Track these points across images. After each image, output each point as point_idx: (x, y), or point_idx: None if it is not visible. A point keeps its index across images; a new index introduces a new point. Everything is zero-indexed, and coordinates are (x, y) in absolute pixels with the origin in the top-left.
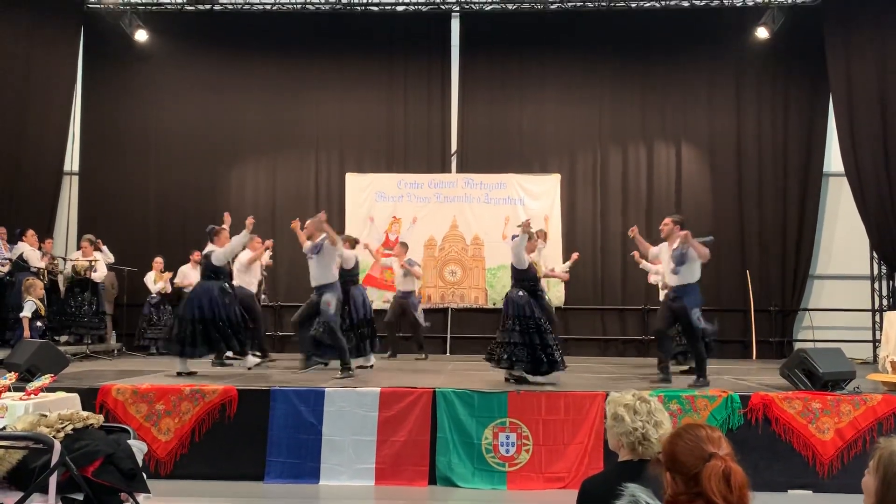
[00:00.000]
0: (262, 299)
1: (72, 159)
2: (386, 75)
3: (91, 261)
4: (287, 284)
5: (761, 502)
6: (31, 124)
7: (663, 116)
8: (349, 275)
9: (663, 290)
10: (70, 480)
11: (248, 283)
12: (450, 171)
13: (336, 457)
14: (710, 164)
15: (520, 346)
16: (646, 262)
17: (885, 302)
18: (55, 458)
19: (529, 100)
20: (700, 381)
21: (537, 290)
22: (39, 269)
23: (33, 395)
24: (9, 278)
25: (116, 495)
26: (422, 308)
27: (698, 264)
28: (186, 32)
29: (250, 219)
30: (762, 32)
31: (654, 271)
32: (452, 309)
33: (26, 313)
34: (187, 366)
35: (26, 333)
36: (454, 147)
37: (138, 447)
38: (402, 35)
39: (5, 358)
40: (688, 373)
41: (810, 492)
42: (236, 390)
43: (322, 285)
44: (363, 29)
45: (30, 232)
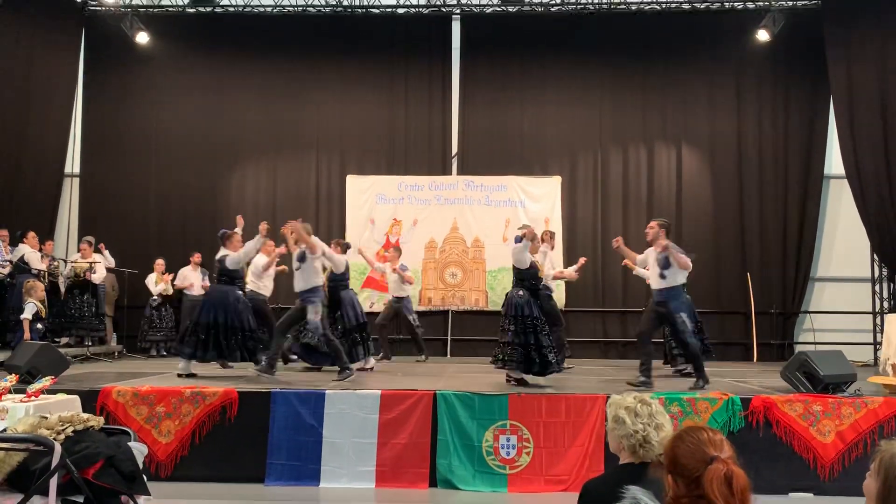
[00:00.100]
0: None
1: (72, 161)
2: (387, 77)
3: (91, 262)
4: (288, 287)
5: None
6: (31, 126)
7: (664, 119)
8: (340, 279)
9: None
10: (70, 482)
11: (262, 287)
12: (450, 174)
13: (336, 459)
14: (710, 166)
15: (513, 346)
16: (641, 269)
17: (885, 304)
18: (56, 461)
19: (530, 102)
20: (699, 382)
21: (538, 289)
22: (40, 270)
23: (34, 397)
24: (9, 280)
25: (117, 497)
26: (415, 312)
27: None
28: (187, 34)
29: (264, 224)
30: (762, 35)
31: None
32: (453, 311)
33: (27, 315)
34: (190, 368)
35: (27, 335)
36: (455, 149)
37: (139, 449)
38: (403, 37)
39: (6, 360)
40: (689, 375)
41: (811, 494)
42: (237, 392)
43: (303, 291)
44: (364, 31)
45: (30, 234)
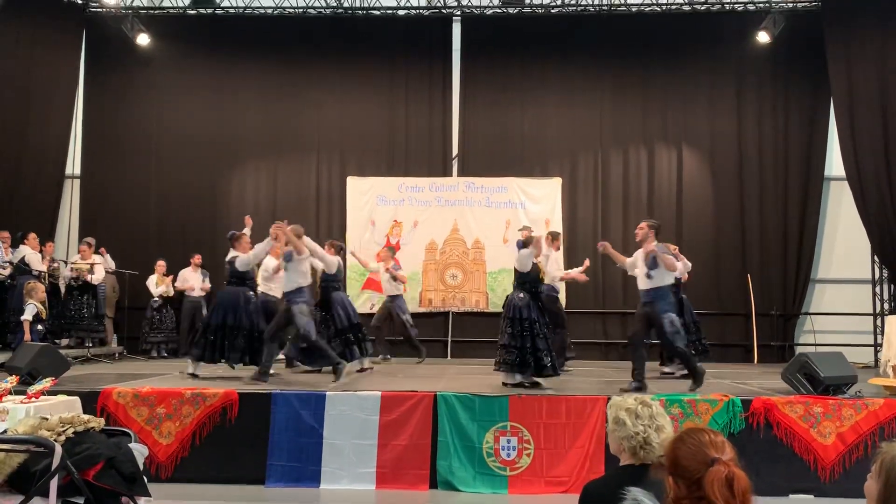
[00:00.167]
0: None
1: (73, 163)
2: (387, 79)
3: (90, 264)
4: None
5: None
6: (32, 127)
7: (664, 120)
8: (332, 280)
9: None
10: (71, 484)
11: (273, 289)
12: (451, 175)
13: (337, 460)
14: (710, 167)
15: (509, 349)
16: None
17: (886, 306)
18: (56, 462)
19: (530, 103)
20: (694, 384)
21: (539, 292)
22: (41, 272)
23: (34, 399)
24: (10, 282)
25: (117, 499)
26: (409, 313)
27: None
28: (188, 36)
29: (274, 226)
30: (763, 36)
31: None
32: (453, 313)
33: (27, 316)
34: (197, 369)
35: (27, 337)
36: (455, 151)
37: (139, 451)
38: (404, 39)
39: (6, 361)
40: (669, 375)
41: (812, 496)
42: (237, 394)
43: (288, 292)
44: (364, 33)
45: (31, 235)
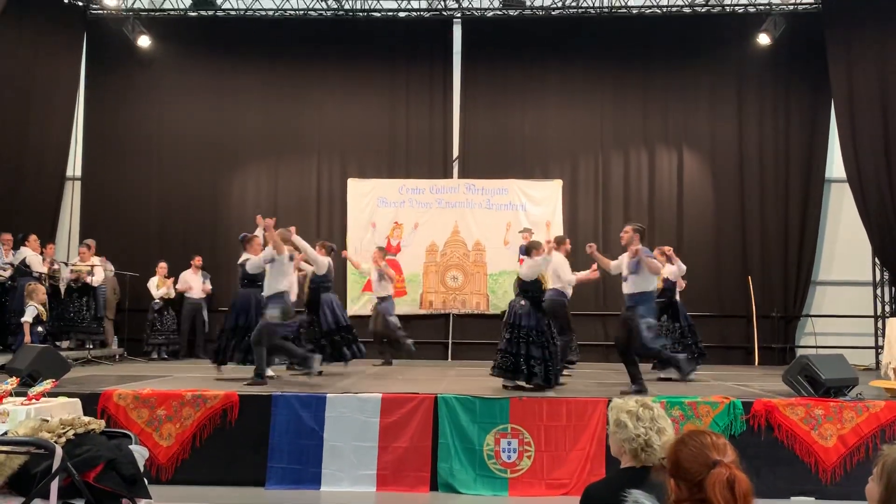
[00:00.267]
0: None
1: (74, 164)
2: (388, 81)
3: (91, 266)
4: None
5: None
6: (33, 129)
7: (665, 122)
8: (322, 281)
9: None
10: (71, 486)
11: None
12: (451, 177)
13: (337, 463)
14: (711, 169)
15: (504, 354)
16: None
17: (887, 308)
18: (56, 464)
19: (531, 105)
20: (681, 374)
21: (541, 300)
22: (42, 274)
23: (35, 400)
24: (11, 283)
25: (118, 500)
26: (395, 315)
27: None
28: (189, 38)
29: (292, 229)
30: (764, 38)
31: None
32: (454, 315)
33: (27, 318)
34: (221, 371)
35: (27, 339)
36: (456, 152)
37: (140, 452)
38: (404, 41)
39: (7, 363)
40: (667, 380)
41: (813, 499)
42: (238, 396)
43: (269, 296)
44: (365, 35)
45: (32, 237)
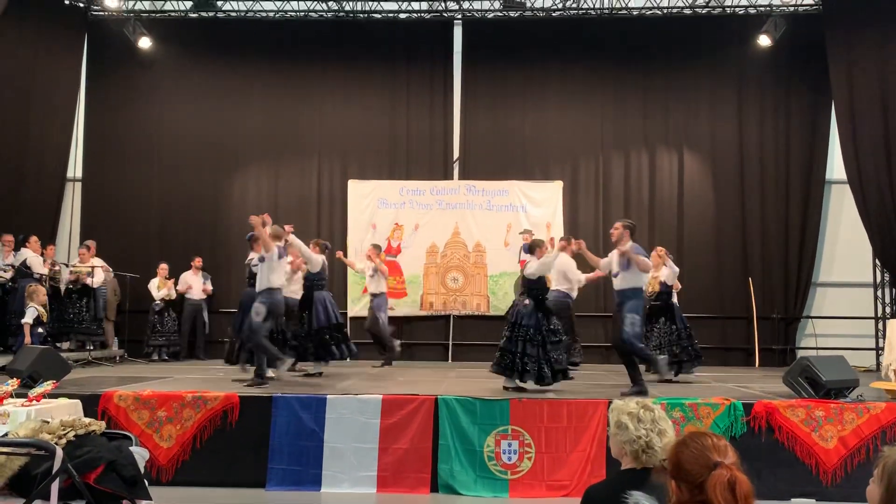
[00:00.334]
0: None
1: (75, 166)
2: (388, 82)
3: (91, 267)
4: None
5: None
6: (34, 131)
7: (665, 123)
8: (315, 279)
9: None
10: (72, 487)
11: (293, 291)
12: (452, 178)
13: (338, 464)
14: (712, 171)
15: (504, 352)
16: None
17: (888, 310)
18: (57, 465)
19: (531, 107)
20: (656, 371)
21: (545, 299)
22: (42, 275)
23: (35, 402)
24: (12, 284)
25: (118, 502)
26: (386, 313)
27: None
28: (189, 39)
29: (289, 227)
30: (764, 40)
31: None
32: (454, 316)
33: (28, 319)
34: (247, 369)
35: (27, 340)
36: (456, 154)
37: (140, 454)
38: (405, 42)
39: (7, 364)
40: (669, 381)
41: (814, 500)
42: (238, 397)
43: (259, 292)
44: (366, 36)
45: (33, 238)
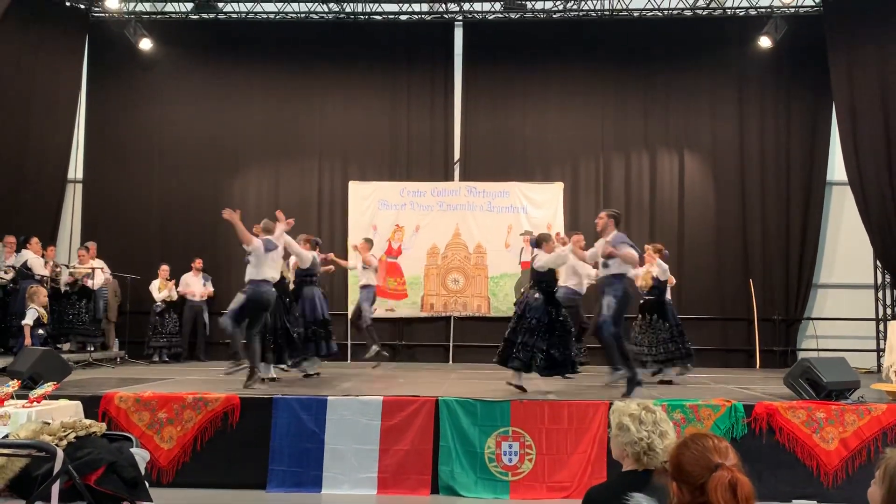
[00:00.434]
0: None
1: (76, 167)
2: (389, 84)
3: (91, 268)
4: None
5: None
6: (35, 132)
7: (666, 125)
8: (305, 274)
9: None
10: (72, 489)
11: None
12: (452, 180)
13: (338, 465)
14: (712, 172)
15: (507, 342)
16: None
17: (889, 311)
18: (58, 467)
19: (532, 108)
20: (612, 368)
21: (554, 291)
22: (43, 276)
23: (36, 403)
24: (13, 286)
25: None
26: (371, 304)
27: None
28: (190, 41)
29: (289, 221)
30: (765, 41)
31: (632, 274)
32: (455, 317)
33: (28, 321)
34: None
35: (27, 341)
36: (457, 155)
37: (141, 455)
38: (406, 44)
39: (8, 365)
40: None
41: (815, 502)
42: (239, 398)
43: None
44: (367, 37)
45: (34, 240)
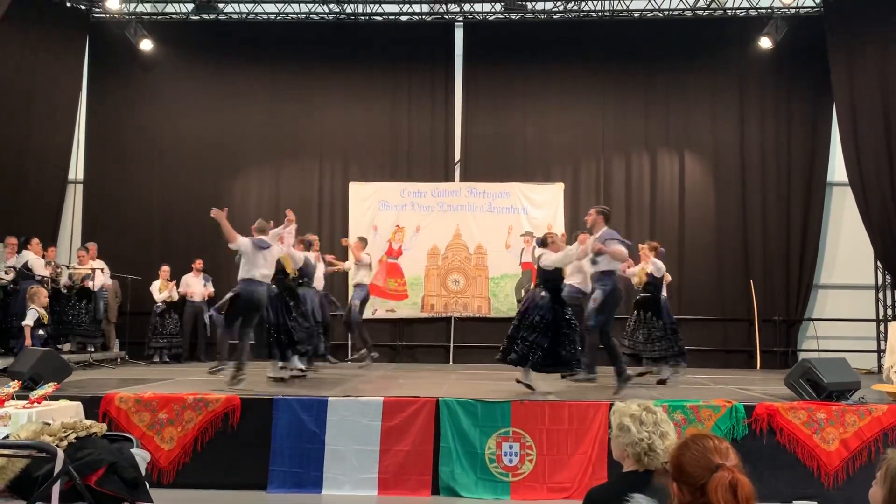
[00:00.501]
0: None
1: (76, 168)
2: (390, 84)
3: (91, 269)
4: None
5: None
6: (35, 132)
7: (666, 126)
8: (298, 275)
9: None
10: (73, 489)
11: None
12: (453, 180)
13: (339, 466)
14: (713, 173)
15: (509, 339)
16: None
17: (889, 312)
18: (58, 467)
19: (532, 109)
20: (587, 363)
21: (560, 290)
22: (44, 277)
23: (36, 404)
24: (13, 286)
25: None
26: (360, 302)
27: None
28: (191, 42)
29: (290, 217)
30: (765, 42)
31: (629, 273)
32: (455, 318)
33: (28, 322)
34: (279, 371)
35: (28, 342)
36: (457, 156)
37: (141, 456)
38: (406, 44)
39: (9, 366)
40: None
41: (815, 503)
42: (239, 399)
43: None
44: (367, 38)
45: (34, 240)
